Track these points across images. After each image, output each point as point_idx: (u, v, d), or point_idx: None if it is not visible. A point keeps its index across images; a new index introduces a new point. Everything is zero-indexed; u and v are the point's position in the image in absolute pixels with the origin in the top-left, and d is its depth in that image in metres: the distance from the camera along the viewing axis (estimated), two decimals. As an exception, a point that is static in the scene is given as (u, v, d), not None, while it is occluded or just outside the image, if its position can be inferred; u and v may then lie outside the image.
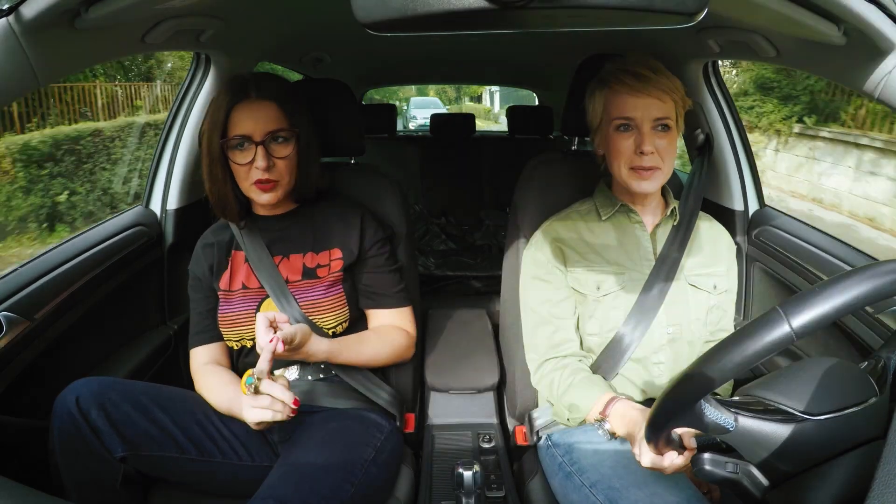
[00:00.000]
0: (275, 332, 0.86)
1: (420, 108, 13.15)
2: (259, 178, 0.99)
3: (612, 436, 0.90)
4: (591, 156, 1.24)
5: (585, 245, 1.05)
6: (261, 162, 0.98)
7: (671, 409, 0.61)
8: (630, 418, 0.85)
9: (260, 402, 0.84)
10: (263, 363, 0.83)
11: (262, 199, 1.03)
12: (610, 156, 1.01)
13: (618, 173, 1.00)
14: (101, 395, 0.91)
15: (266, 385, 0.84)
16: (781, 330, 0.51)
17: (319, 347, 0.97)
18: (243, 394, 0.85)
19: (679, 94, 0.96)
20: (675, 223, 1.05)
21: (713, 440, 0.67)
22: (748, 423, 0.57)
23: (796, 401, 0.57)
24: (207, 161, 1.03)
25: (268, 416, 0.84)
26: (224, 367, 1.09)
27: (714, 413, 0.58)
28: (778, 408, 0.58)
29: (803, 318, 0.50)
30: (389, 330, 1.12)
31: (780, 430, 0.56)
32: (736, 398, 0.62)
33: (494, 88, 19.42)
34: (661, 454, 0.74)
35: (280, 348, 0.84)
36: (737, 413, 0.58)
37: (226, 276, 1.08)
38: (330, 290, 1.07)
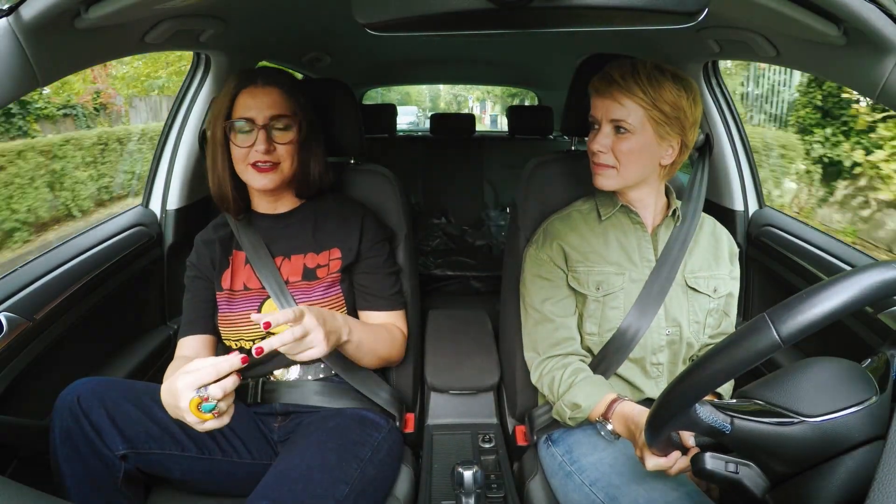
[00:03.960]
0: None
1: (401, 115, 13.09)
2: (258, 159, 1.00)
3: (615, 436, 0.91)
4: None
5: (586, 244, 1.05)
6: (261, 145, 0.99)
7: (668, 413, 0.62)
8: (632, 420, 0.86)
9: (207, 425, 0.77)
10: (217, 389, 0.75)
11: (259, 183, 1.03)
12: None
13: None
14: (103, 393, 0.91)
15: (223, 405, 0.77)
16: (768, 338, 0.52)
17: (336, 318, 0.93)
18: (197, 418, 0.75)
19: (646, 101, 0.93)
20: (677, 224, 1.05)
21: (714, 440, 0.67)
22: (744, 425, 0.58)
23: (794, 402, 0.57)
24: (211, 147, 1.05)
25: (214, 425, 0.77)
26: None
27: (709, 417, 0.58)
28: (775, 409, 0.58)
29: (790, 325, 0.51)
30: (389, 325, 1.13)
31: (775, 432, 0.57)
32: (733, 400, 0.62)
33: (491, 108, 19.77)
34: (666, 455, 0.75)
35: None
36: (733, 416, 0.58)
37: (227, 275, 1.08)
38: (329, 291, 1.06)
